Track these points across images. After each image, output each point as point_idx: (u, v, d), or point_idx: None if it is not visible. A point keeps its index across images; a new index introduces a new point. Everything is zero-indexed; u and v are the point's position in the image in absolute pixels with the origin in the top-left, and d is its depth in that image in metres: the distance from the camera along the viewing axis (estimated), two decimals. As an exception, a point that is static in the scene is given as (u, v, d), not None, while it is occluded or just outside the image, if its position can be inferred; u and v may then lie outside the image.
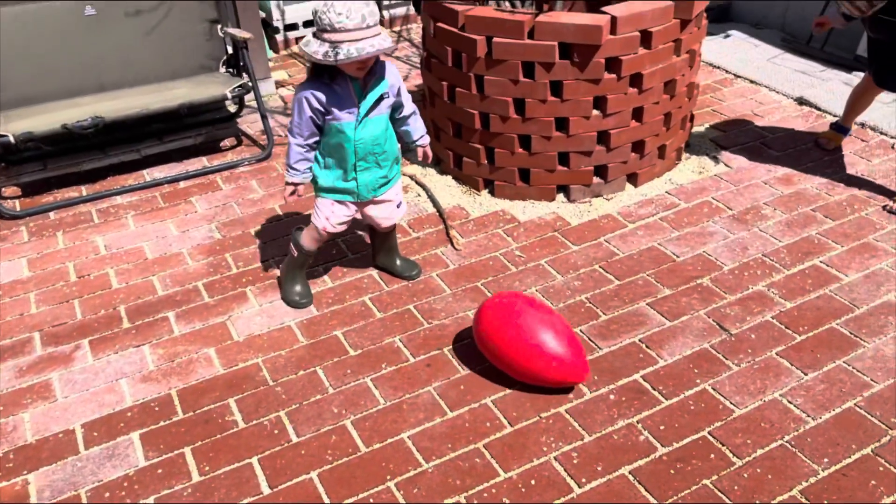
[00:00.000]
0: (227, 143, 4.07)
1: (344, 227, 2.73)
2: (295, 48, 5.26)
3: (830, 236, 3.08)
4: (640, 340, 2.61)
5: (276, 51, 5.23)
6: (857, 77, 4.25)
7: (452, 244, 3.16)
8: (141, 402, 2.47)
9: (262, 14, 5.05)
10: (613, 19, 2.98)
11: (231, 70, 3.99)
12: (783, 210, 3.26)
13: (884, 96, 3.71)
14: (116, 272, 3.09)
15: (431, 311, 2.80)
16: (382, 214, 2.76)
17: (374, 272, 3.01)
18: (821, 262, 2.94)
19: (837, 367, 2.46)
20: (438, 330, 2.71)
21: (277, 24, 5.15)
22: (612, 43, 3.02)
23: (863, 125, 3.84)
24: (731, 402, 2.35)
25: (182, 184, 3.70)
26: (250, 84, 3.81)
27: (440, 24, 3.27)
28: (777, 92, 4.28)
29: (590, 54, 3.02)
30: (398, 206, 2.79)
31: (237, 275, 3.04)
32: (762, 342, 2.57)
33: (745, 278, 2.87)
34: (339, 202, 2.66)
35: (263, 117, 3.88)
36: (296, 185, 2.59)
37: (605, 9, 3.05)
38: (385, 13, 5.50)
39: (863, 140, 3.75)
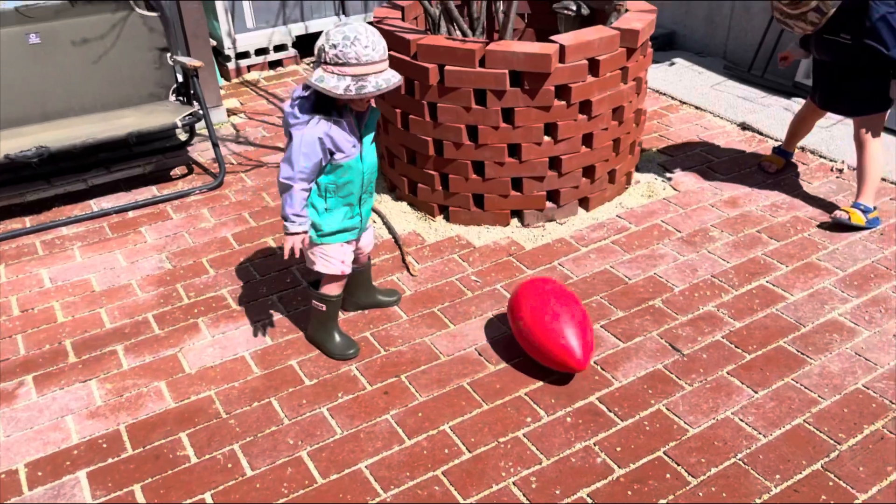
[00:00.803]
0: (177, 171, 4.02)
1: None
2: (247, 76, 5.23)
3: (775, 257, 3.17)
4: (595, 363, 2.64)
5: (227, 79, 5.20)
6: (796, 103, 4.41)
7: (408, 270, 3.16)
8: (88, 439, 2.39)
9: (213, 42, 5.03)
10: (562, 48, 3.05)
11: (181, 98, 3.95)
12: (730, 232, 3.34)
13: (822, 121, 3.86)
14: (62, 305, 3.00)
15: (388, 337, 2.78)
16: (366, 241, 2.73)
17: (329, 300, 2.98)
18: (767, 282, 3.02)
19: (786, 385, 2.52)
20: (396, 357, 2.69)
21: (229, 52, 5.13)
22: (561, 71, 3.08)
23: (803, 149, 3.98)
24: (685, 422, 2.39)
25: (131, 213, 3.63)
26: (201, 112, 3.77)
27: (392, 53, 3.29)
28: (721, 117, 4.42)
29: (540, 82, 3.07)
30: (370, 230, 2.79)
31: (189, 305, 2.98)
32: (713, 361, 2.62)
33: (695, 299, 2.93)
34: (347, 242, 2.56)
35: (215, 145, 3.85)
36: (304, 233, 2.39)
37: (553, 37, 3.12)
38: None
39: (803, 163, 3.88)
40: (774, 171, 3.79)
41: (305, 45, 5.54)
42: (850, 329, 2.74)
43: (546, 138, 3.23)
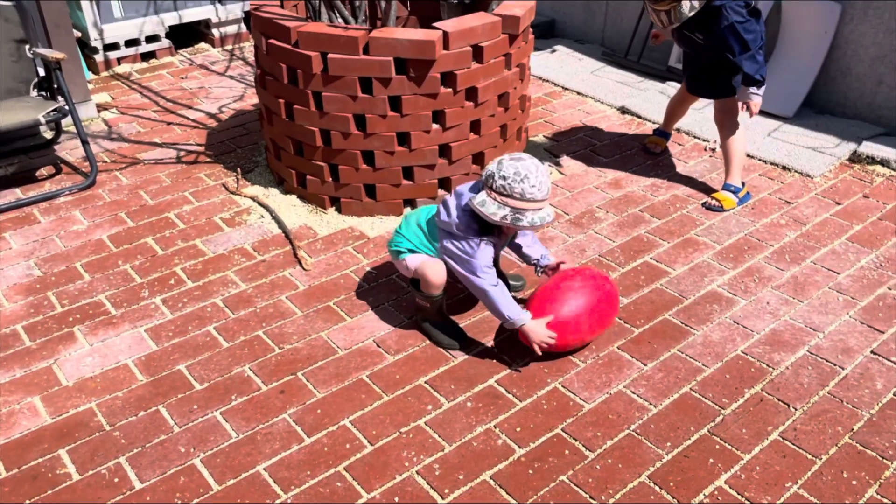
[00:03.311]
0: (44, 172, 3.74)
1: None
2: (118, 69, 4.94)
3: (657, 234, 3.30)
4: (492, 346, 2.66)
5: (96, 72, 4.89)
6: (670, 86, 4.62)
7: (301, 265, 3.07)
8: (-47, 466, 2.19)
9: (78, 34, 4.71)
10: (445, 34, 3.05)
11: (44, 93, 3.67)
12: (614, 212, 3.45)
13: (696, 104, 4.05)
14: (-84, 322, 2.74)
15: (282, 335, 2.70)
16: None
17: (218, 300, 2.86)
18: (651, 258, 3.14)
19: (672, 356, 2.63)
20: (291, 354, 2.61)
21: (96, 43, 4.82)
22: (446, 58, 3.07)
23: (678, 130, 4.16)
24: (580, 398, 2.45)
25: (-8, 219, 3.35)
26: (67, 108, 3.53)
27: (272, 41, 3.19)
28: (602, 102, 4.56)
29: (425, 69, 3.06)
30: None
31: (62, 314, 2.79)
32: (604, 338, 2.70)
33: (585, 279, 3.01)
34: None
35: (84, 143, 3.61)
36: (529, 317, 2.48)
37: (436, 24, 3.11)
38: (215, 32, 5.30)
39: (679, 144, 4.07)
40: (659, 151, 3.95)
41: (180, 35, 5.29)
42: (728, 299, 2.90)
43: (434, 126, 3.22)
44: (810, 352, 2.63)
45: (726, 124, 3.43)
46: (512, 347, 2.64)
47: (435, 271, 2.54)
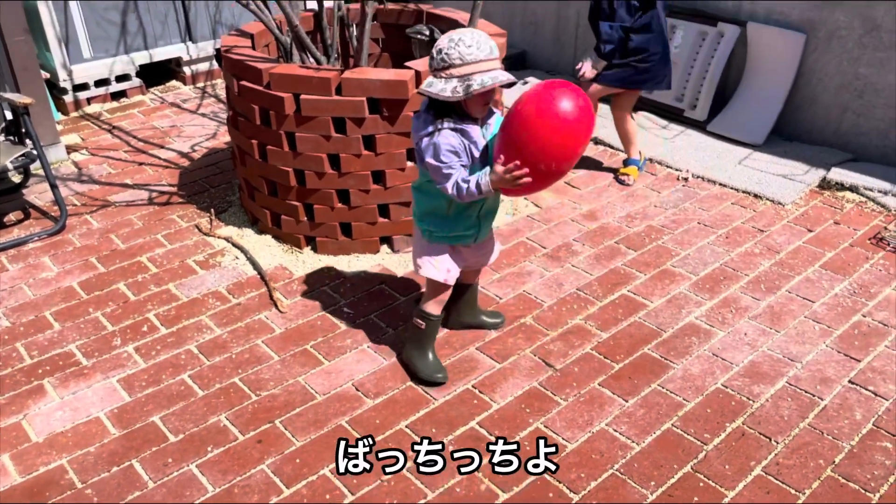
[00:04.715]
0: (12, 217, 3.67)
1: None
2: (88, 109, 4.89)
3: (634, 266, 3.31)
4: (472, 386, 2.63)
5: (65, 113, 4.84)
6: (642, 115, 4.66)
7: (277, 307, 3.04)
8: (-84, 532, 2.11)
9: (46, 74, 4.66)
10: (417, 73, 3.05)
11: (11, 138, 3.62)
12: (591, 245, 3.46)
13: (666, 133, 4.10)
14: None
15: (259, 381, 2.65)
16: (485, 252, 2.69)
17: (192, 346, 2.81)
18: (628, 291, 3.15)
19: (653, 391, 2.62)
20: (268, 401, 2.57)
21: (65, 84, 4.77)
22: (419, 96, 3.08)
23: (651, 160, 4.21)
24: (562, 438, 2.42)
25: (-41, 267, 3.28)
26: (35, 152, 3.47)
27: (244, 83, 3.18)
28: (575, 133, 4.58)
29: (398, 108, 3.06)
30: (495, 244, 2.73)
31: (32, 366, 2.71)
32: (585, 374, 2.69)
33: (563, 313, 3.00)
34: (453, 248, 2.54)
35: (53, 187, 3.55)
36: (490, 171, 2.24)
37: (409, 63, 3.12)
38: (187, 69, 5.28)
39: (652, 174, 4.10)
40: (632, 182, 3.98)
41: (151, 74, 5.26)
42: (706, 331, 2.90)
43: (409, 164, 3.22)
44: (789, 383, 2.64)
45: (622, 114, 3.93)
46: (493, 389, 2.62)
47: (441, 291, 2.56)
